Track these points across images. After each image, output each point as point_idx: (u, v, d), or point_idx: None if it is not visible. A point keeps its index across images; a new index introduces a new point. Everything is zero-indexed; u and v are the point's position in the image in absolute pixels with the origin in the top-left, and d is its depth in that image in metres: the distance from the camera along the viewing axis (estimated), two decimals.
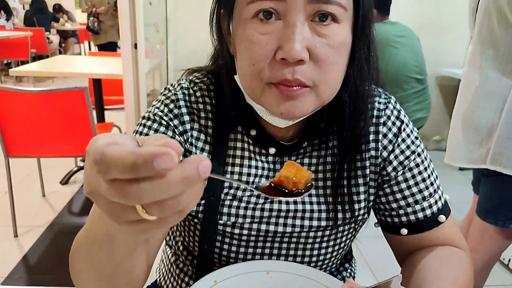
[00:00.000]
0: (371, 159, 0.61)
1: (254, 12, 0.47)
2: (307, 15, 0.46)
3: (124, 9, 2.07)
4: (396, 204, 0.62)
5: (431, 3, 3.33)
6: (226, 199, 0.59)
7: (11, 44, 4.95)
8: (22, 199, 2.33)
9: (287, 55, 0.45)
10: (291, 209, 0.59)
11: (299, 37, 0.45)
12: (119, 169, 0.25)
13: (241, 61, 0.51)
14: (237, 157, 0.60)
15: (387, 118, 0.62)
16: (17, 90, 1.79)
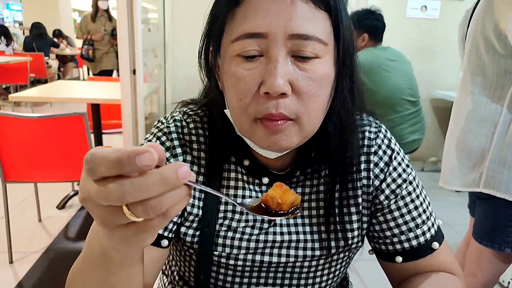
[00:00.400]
0: (363, 187, 0.62)
1: (238, 51, 0.49)
2: (288, 51, 0.48)
3: (123, 36, 2.12)
4: (389, 232, 0.63)
5: (423, 29, 3.42)
6: (221, 230, 0.59)
7: (11, 69, 5.00)
8: (18, 224, 2.32)
9: (270, 89, 0.47)
10: (286, 240, 0.60)
11: (281, 71, 0.47)
12: (105, 164, 0.28)
13: (229, 97, 0.53)
14: (231, 187, 0.61)
15: (377, 147, 0.63)
16: (16, 116, 1.80)
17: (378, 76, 2.23)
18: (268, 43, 0.48)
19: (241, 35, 0.48)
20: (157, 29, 3.07)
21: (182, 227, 0.60)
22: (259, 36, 0.48)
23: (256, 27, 0.48)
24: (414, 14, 3.37)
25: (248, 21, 0.48)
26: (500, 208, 1.21)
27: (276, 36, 0.47)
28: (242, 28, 0.48)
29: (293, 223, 0.61)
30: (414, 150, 2.45)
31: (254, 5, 0.48)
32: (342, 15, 0.51)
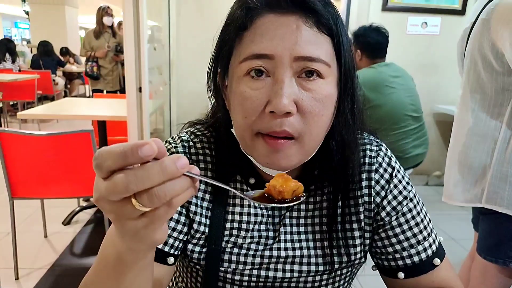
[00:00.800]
0: (364, 204, 0.64)
1: (246, 70, 0.52)
2: (293, 72, 0.51)
3: (130, 55, 2.17)
4: (391, 248, 0.64)
5: (424, 45, 3.47)
6: (227, 247, 0.61)
7: (19, 86, 5.09)
8: (24, 240, 2.33)
9: (275, 108, 0.50)
10: (290, 255, 0.62)
11: (286, 92, 0.50)
12: (111, 158, 0.32)
13: (235, 115, 0.55)
14: (237, 205, 0.63)
15: (378, 165, 0.65)
16: (24, 133, 1.84)
17: (382, 92, 2.26)
18: (275, 65, 0.51)
19: (249, 56, 0.51)
20: (162, 48, 3.13)
21: (189, 245, 0.62)
22: (266, 57, 0.50)
23: (263, 49, 0.50)
24: (414, 30, 3.42)
25: (255, 44, 0.51)
26: (503, 223, 1.22)
27: (282, 58, 0.50)
28: (249, 49, 0.51)
29: (297, 239, 0.63)
30: (418, 164, 2.46)
31: (261, 29, 0.51)
32: (343, 40, 0.54)
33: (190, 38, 3.31)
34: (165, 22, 3.20)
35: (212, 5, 3.26)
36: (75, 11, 9.33)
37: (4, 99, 5.22)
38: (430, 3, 3.35)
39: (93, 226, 2.62)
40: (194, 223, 0.61)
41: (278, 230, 0.63)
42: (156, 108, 2.90)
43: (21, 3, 9.92)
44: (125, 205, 0.33)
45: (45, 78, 5.90)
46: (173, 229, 0.60)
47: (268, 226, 0.63)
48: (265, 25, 0.51)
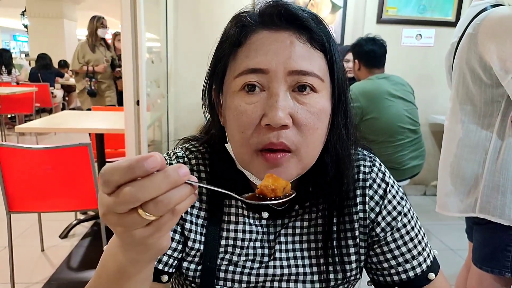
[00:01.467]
0: (359, 220, 0.64)
1: (241, 85, 0.53)
2: (288, 86, 0.52)
3: (128, 68, 2.19)
4: (387, 263, 0.64)
5: (419, 56, 3.51)
6: (222, 264, 0.61)
7: (17, 99, 5.11)
8: (21, 254, 2.32)
9: (271, 121, 0.50)
10: (285, 273, 0.61)
11: (282, 104, 0.51)
12: (119, 172, 0.34)
13: (231, 130, 0.56)
14: (231, 222, 0.63)
15: (372, 181, 0.65)
16: (22, 147, 1.85)
17: (380, 105, 2.26)
18: (269, 79, 0.52)
19: (244, 71, 0.52)
20: (160, 61, 3.16)
21: (184, 262, 0.62)
22: (261, 71, 0.52)
23: (258, 63, 0.52)
24: (409, 42, 3.47)
25: (250, 59, 0.52)
26: (497, 233, 1.23)
27: (276, 72, 0.51)
28: (244, 64, 0.53)
29: (292, 256, 0.63)
30: (415, 175, 2.47)
31: (256, 45, 0.53)
32: (336, 56, 0.56)
33: (187, 51, 3.35)
34: (163, 35, 3.24)
35: (210, 19, 3.31)
36: (73, 24, 9.42)
37: (2, 112, 5.23)
38: (424, 15, 3.41)
39: (90, 240, 2.61)
40: (189, 241, 0.61)
41: (273, 247, 0.63)
42: (153, 120, 2.92)
43: (20, 16, 9.99)
44: (132, 215, 0.35)
45: (43, 91, 5.93)
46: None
47: (264, 243, 0.63)
48: (260, 41, 0.53)
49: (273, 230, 0.64)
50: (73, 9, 9.24)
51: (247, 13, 0.56)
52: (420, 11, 3.39)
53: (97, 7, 11.09)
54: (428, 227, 2.95)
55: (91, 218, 2.81)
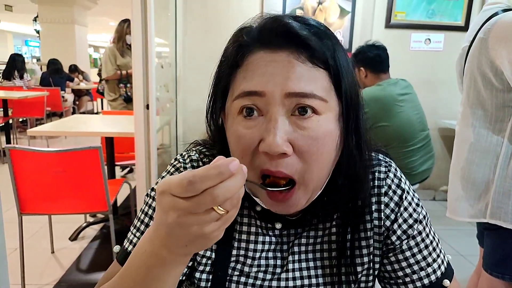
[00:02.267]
0: (374, 228, 0.62)
1: (239, 109, 0.51)
2: (286, 110, 0.49)
3: (138, 73, 2.22)
4: (402, 272, 0.62)
5: (428, 61, 3.50)
6: (234, 275, 0.60)
7: (28, 103, 5.18)
8: (32, 256, 2.35)
9: (268, 148, 0.48)
10: (298, 285, 0.60)
11: (280, 131, 0.48)
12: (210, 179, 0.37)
13: (233, 153, 0.54)
14: (243, 232, 0.61)
15: (388, 187, 0.63)
16: (33, 150, 1.88)
17: (391, 111, 2.25)
18: (266, 102, 0.49)
19: (240, 94, 0.50)
20: (169, 66, 3.19)
21: (196, 272, 0.61)
22: (256, 94, 0.49)
23: (254, 86, 0.49)
24: (418, 46, 3.46)
25: (246, 81, 0.50)
26: (508, 238, 1.21)
27: (273, 95, 0.48)
28: (241, 87, 0.51)
29: (305, 267, 0.61)
30: (425, 179, 2.46)
31: (253, 66, 0.51)
32: (343, 72, 0.52)
33: (196, 56, 3.38)
34: (172, 40, 3.27)
35: (218, 25, 3.34)
36: (84, 29, 9.54)
37: (14, 115, 5.31)
38: (433, 20, 3.40)
39: (100, 242, 2.64)
40: (206, 250, 0.61)
41: (286, 258, 0.62)
42: (163, 124, 2.94)
43: (32, 22, 10.16)
44: (210, 213, 0.38)
45: (54, 95, 6.01)
46: None
47: (276, 254, 0.62)
48: (256, 62, 0.50)
49: (287, 240, 0.62)
50: (84, 14, 9.37)
51: (246, 30, 0.54)
52: (429, 15, 3.39)
53: (107, 12, 11.25)
54: (438, 233, 2.87)
55: (100, 221, 2.84)
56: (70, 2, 8.73)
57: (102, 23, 13.37)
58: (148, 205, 0.62)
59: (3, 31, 16.39)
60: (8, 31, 16.92)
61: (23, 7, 10.04)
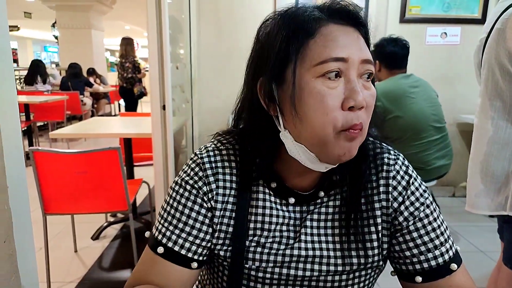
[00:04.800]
0: (382, 209, 0.67)
1: (322, 72, 0.57)
2: (358, 73, 0.58)
3: (154, 74, 2.27)
4: (409, 252, 0.66)
5: (444, 55, 3.45)
6: (251, 246, 0.66)
7: (49, 107, 5.33)
8: (56, 255, 2.43)
9: (357, 103, 0.56)
10: (310, 255, 0.65)
11: (360, 89, 0.57)
12: None
13: (312, 116, 0.57)
14: (259, 207, 0.67)
15: (396, 172, 0.68)
16: (56, 152, 1.94)
17: (402, 103, 2.26)
18: (348, 66, 0.57)
19: (328, 59, 0.56)
20: (184, 67, 3.23)
21: (216, 247, 0.67)
22: (342, 60, 0.57)
23: (340, 52, 0.57)
24: (434, 41, 3.41)
25: (330, 48, 0.57)
26: None
27: (353, 61, 0.57)
28: (326, 53, 0.57)
29: (317, 240, 0.66)
30: (442, 175, 2.43)
31: (331, 37, 0.58)
32: None
33: (210, 57, 3.41)
34: (186, 42, 3.32)
35: (231, 25, 3.36)
36: (101, 34, 9.73)
37: (35, 119, 5.47)
38: (449, 13, 3.35)
39: (120, 241, 2.70)
40: (222, 225, 0.66)
41: (299, 231, 0.67)
42: (179, 125, 2.99)
43: (50, 28, 10.42)
44: None
45: (74, 99, 6.16)
46: (196, 237, 0.65)
47: (290, 227, 0.67)
48: (333, 33, 0.58)
49: (299, 216, 0.68)
50: (100, 19, 9.55)
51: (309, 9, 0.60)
52: (445, 9, 3.34)
53: (122, 17, 11.44)
54: (457, 229, 2.88)
55: (121, 221, 2.90)
56: (87, 8, 8.92)
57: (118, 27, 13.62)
58: (170, 195, 0.69)
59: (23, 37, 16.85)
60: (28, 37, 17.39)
61: (41, 13, 10.31)
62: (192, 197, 0.66)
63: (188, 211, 0.66)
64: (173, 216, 0.66)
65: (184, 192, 0.67)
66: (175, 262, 0.64)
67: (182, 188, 0.67)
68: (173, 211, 0.67)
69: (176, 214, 0.66)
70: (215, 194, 0.66)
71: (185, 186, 0.67)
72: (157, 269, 0.65)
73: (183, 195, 0.67)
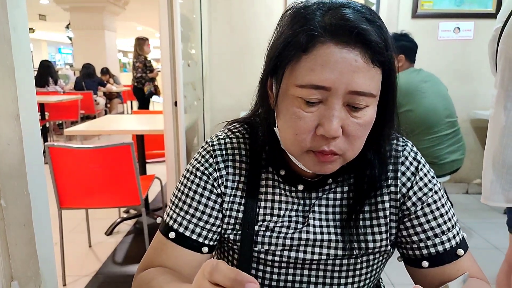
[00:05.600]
0: (390, 194, 0.68)
1: (302, 95, 0.55)
2: (343, 101, 0.55)
3: (166, 71, 2.29)
4: (416, 237, 0.67)
5: (457, 50, 3.41)
6: (260, 230, 0.67)
7: (64, 107, 5.43)
8: (71, 250, 2.47)
9: (326, 133, 0.55)
10: (318, 238, 0.66)
11: (336, 118, 0.54)
12: (223, 275, 0.38)
13: (286, 129, 0.59)
14: (268, 193, 0.68)
15: (405, 158, 0.69)
16: (71, 147, 1.98)
17: (415, 98, 2.27)
18: (329, 94, 0.54)
19: (308, 85, 0.54)
20: (195, 65, 3.26)
21: (226, 231, 0.69)
22: (323, 88, 0.54)
23: (323, 81, 0.53)
24: (446, 36, 3.37)
25: (315, 74, 0.53)
26: None
27: (337, 90, 0.54)
28: (308, 78, 0.54)
29: (325, 225, 0.67)
30: (455, 170, 2.40)
31: (321, 60, 0.53)
32: (393, 69, 0.57)
33: (221, 54, 3.43)
34: (197, 41, 3.34)
35: (242, 23, 3.38)
36: (113, 34, 9.85)
37: (50, 119, 5.57)
38: (462, 8, 3.30)
39: (133, 236, 2.74)
40: (229, 211, 0.68)
41: (307, 216, 0.68)
42: (191, 122, 3.01)
43: (65, 29, 10.59)
44: None
45: (87, 99, 6.26)
46: (206, 222, 0.67)
47: (298, 213, 0.68)
48: (327, 56, 0.53)
49: (308, 202, 0.68)
50: (112, 20, 9.67)
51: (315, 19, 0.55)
52: (458, 3, 3.29)
53: (134, 17, 11.56)
54: (471, 226, 2.85)
55: (134, 217, 2.94)
56: (100, 9, 9.04)
57: (130, 28, 13.76)
58: (181, 182, 0.71)
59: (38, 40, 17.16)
60: (43, 39, 17.71)
61: (56, 15, 10.48)
62: (202, 183, 0.68)
63: (198, 197, 0.67)
64: (184, 202, 0.68)
65: (195, 178, 0.68)
66: (186, 247, 0.66)
67: (192, 175, 0.69)
68: (184, 197, 0.68)
69: (187, 200, 0.68)
70: (225, 180, 0.68)
71: (196, 173, 0.69)
72: (168, 254, 0.66)
73: (193, 182, 0.68)
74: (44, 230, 0.78)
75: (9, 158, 0.67)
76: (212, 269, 0.39)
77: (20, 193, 0.70)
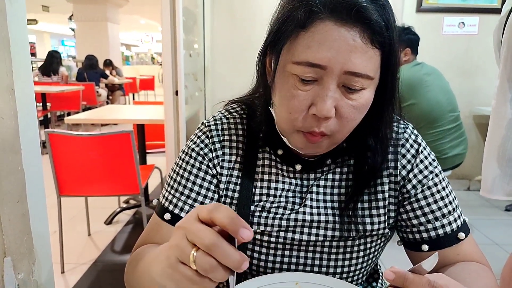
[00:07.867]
0: (390, 177, 0.66)
1: (297, 72, 0.54)
2: (339, 82, 0.53)
3: (167, 60, 2.28)
4: (416, 220, 0.65)
5: (462, 45, 3.38)
6: (256, 211, 0.66)
7: (65, 97, 5.41)
8: (70, 238, 2.48)
9: (319, 113, 0.54)
10: (315, 220, 0.64)
11: (330, 99, 0.53)
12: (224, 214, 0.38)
13: (280, 107, 0.58)
14: (265, 173, 0.67)
15: (405, 140, 0.68)
16: (70, 134, 1.97)
17: (418, 92, 2.26)
18: (324, 73, 0.53)
19: (303, 62, 0.53)
20: (197, 55, 3.24)
21: None
22: (319, 67, 0.52)
23: (318, 59, 0.52)
24: (451, 31, 3.34)
25: (311, 51, 0.52)
26: None
27: (333, 70, 0.52)
28: (304, 55, 0.52)
29: (322, 206, 0.65)
30: (457, 165, 2.40)
31: (319, 38, 0.51)
32: (394, 52, 0.55)
33: (223, 45, 3.41)
34: (200, 33, 3.32)
35: (245, 16, 3.35)
36: (116, 27, 9.83)
37: (52, 109, 5.56)
38: (467, 3, 3.27)
39: (132, 226, 2.74)
40: (228, 191, 0.67)
41: (304, 197, 0.66)
42: (192, 113, 3.00)
43: (67, 21, 10.57)
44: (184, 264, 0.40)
45: (89, 90, 6.25)
46: (202, 203, 0.66)
47: (296, 194, 0.67)
48: (324, 34, 0.51)
49: (306, 183, 0.67)
50: (116, 12, 9.65)
51: None
52: None
53: (138, 10, 11.53)
54: (472, 222, 2.84)
55: (133, 207, 2.94)
56: (103, 1, 9.02)
57: (133, 21, 13.73)
58: (177, 164, 0.70)
59: (41, 31, 17.15)
60: (46, 31, 17.69)
61: (59, 7, 10.45)
62: (197, 163, 0.67)
63: (193, 178, 0.66)
64: (179, 183, 0.67)
65: (190, 159, 0.68)
66: None
67: (188, 156, 0.68)
68: (179, 178, 0.67)
69: (182, 181, 0.67)
70: (221, 161, 0.67)
71: (191, 154, 0.68)
72: (163, 235, 0.65)
73: (188, 162, 0.67)
74: (38, 207, 0.77)
75: (2, 133, 0.66)
76: (214, 207, 0.39)
77: (14, 169, 0.69)
